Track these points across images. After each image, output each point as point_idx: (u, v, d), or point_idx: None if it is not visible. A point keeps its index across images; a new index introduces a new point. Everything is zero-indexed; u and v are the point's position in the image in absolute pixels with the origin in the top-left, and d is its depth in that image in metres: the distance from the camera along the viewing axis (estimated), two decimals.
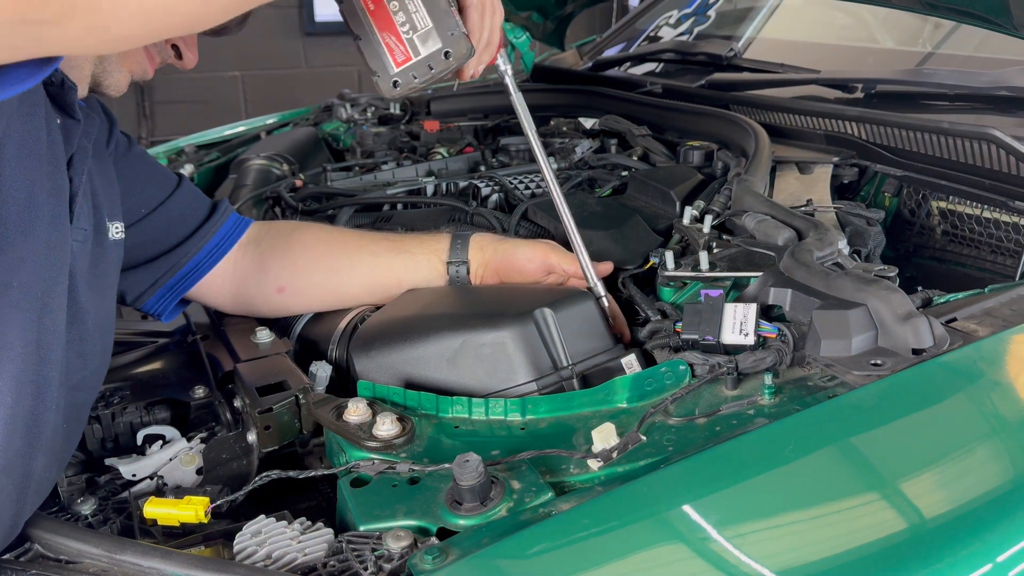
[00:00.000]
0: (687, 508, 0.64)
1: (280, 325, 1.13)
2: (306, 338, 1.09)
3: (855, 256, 1.03)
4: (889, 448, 0.68)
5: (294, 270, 1.09)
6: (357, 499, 0.75)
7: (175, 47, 0.94)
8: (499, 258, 1.07)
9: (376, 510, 0.73)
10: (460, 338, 0.92)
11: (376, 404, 0.86)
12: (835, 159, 1.35)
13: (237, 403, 0.96)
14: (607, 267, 1.04)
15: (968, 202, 1.27)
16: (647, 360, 0.92)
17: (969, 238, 1.29)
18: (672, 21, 2.46)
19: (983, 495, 0.65)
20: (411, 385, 0.93)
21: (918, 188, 1.33)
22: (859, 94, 1.54)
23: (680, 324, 0.86)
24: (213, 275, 1.08)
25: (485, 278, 1.08)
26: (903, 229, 1.38)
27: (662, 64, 2.15)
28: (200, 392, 0.98)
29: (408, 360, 0.94)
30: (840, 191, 1.37)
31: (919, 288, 0.94)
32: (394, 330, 0.99)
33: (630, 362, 0.90)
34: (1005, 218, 1.23)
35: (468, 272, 1.08)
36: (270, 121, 2.35)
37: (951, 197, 1.30)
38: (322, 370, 0.97)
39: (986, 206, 1.24)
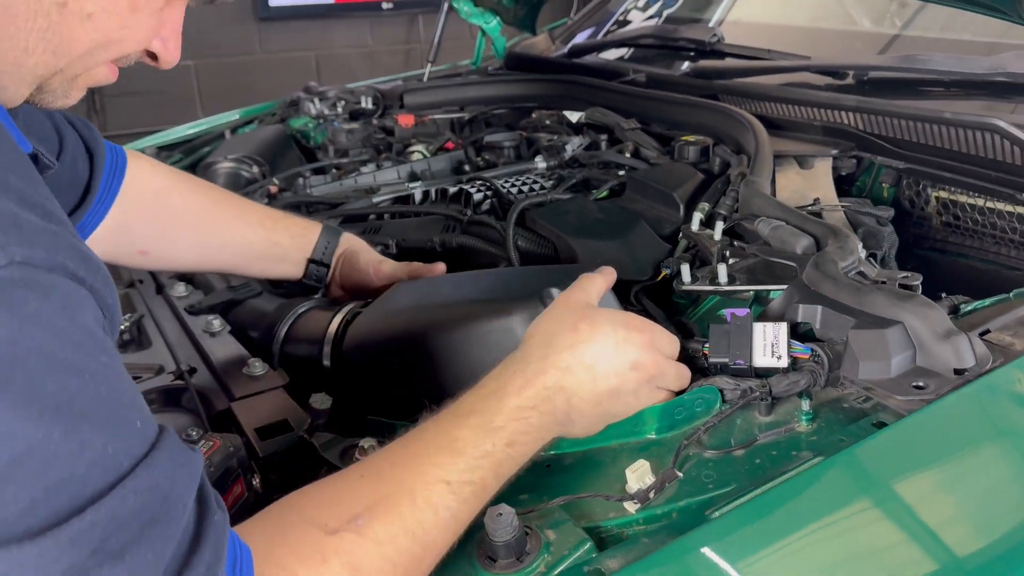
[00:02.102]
0: (747, 569, 0.60)
1: (262, 327, 1.07)
2: (292, 340, 1.03)
3: (872, 260, 1.00)
4: (953, 483, 0.65)
5: (159, 237, 1.06)
6: None
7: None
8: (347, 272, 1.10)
9: None
10: (464, 328, 0.87)
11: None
12: (834, 152, 1.32)
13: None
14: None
15: (970, 192, 1.25)
16: None
17: (972, 229, 1.27)
18: (641, 4, 2.41)
19: None
20: (415, 385, 0.88)
21: (918, 179, 1.31)
22: (850, 80, 1.51)
23: (707, 346, 0.82)
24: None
25: (336, 282, 1.12)
26: (902, 220, 1.35)
27: (632, 49, 2.10)
28: (194, 435, 0.92)
29: (409, 358, 0.89)
30: (837, 183, 1.33)
31: (943, 295, 0.91)
32: (390, 326, 0.94)
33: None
34: (1009, 208, 1.21)
35: (327, 274, 1.12)
36: (234, 118, 2.24)
37: (952, 188, 1.28)
38: (323, 403, 0.91)
39: (990, 197, 1.22)
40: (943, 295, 0.91)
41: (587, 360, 0.75)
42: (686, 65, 1.84)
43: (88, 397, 0.50)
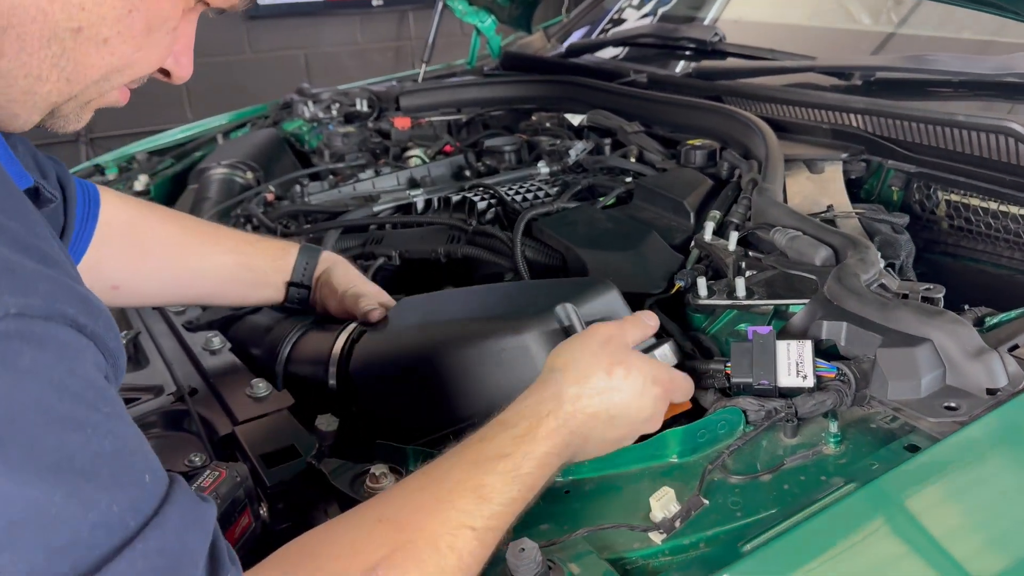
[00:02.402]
0: None
1: (264, 345, 1.04)
2: (295, 360, 1.00)
3: (890, 270, 0.97)
4: (995, 511, 0.62)
5: (132, 271, 1.02)
6: None
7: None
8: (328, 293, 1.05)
9: None
10: (476, 346, 0.84)
11: (401, 472, 0.78)
12: (844, 156, 1.29)
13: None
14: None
15: (983, 196, 1.23)
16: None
17: (985, 233, 1.25)
18: (635, 2, 2.38)
19: None
20: (424, 405, 0.85)
21: (929, 183, 1.28)
22: (857, 81, 1.49)
23: (729, 365, 0.79)
24: None
25: (319, 304, 1.07)
26: (912, 224, 1.33)
27: (626, 48, 2.07)
28: (196, 461, 0.88)
29: (418, 377, 0.86)
30: (846, 187, 1.31)
31: (966, 307, 0.89)
32: (398, 345, 0.91)
33: (664, 353, 0.83)
34: (1023, 212, 1.19)
35: (308, 296, 1.07)
36: (225, 122, 2.20)
37: (964, 191, 1.25)
38: (329, 425, 0.88)
39: (1004, 201, 1.20)
40: (966, 307, 0.89)
41: (612, 410, 0.74)
42: (688, 65, 1.82)
43: (91, 453, 0.47)
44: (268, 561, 0.59)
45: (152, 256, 1.03)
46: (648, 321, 0.82)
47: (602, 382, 0.73)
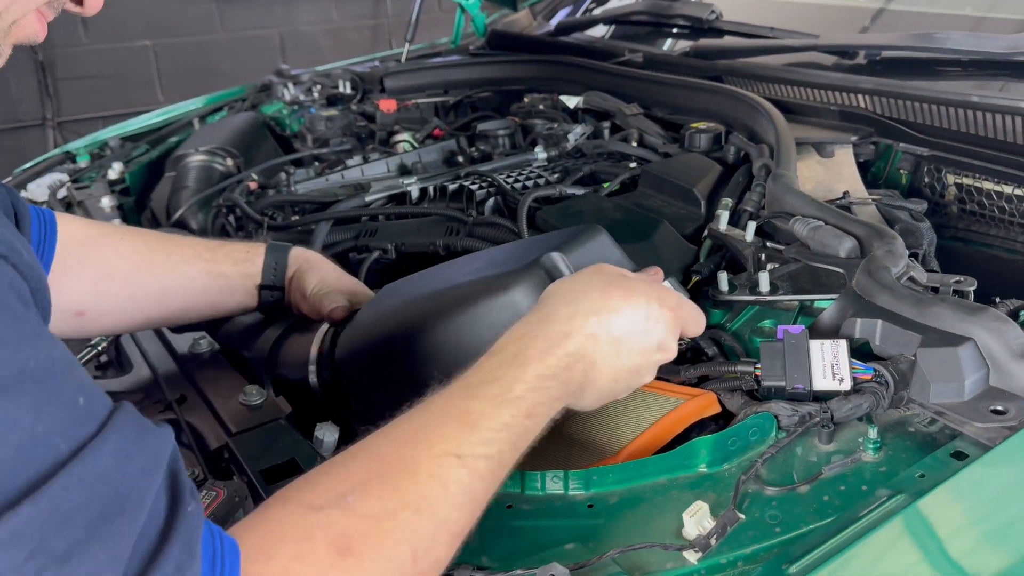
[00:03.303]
0: None
1: (254, 348, 0.99)
2: (279, 364, 0.94)
3: (914, 260, 0.93)
4: None
5: (95, 293, 0.96)
6: None
7: None
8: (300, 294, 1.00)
9: None
10: (462, 311, 0.78)
11: None
12: (853, 138, 1.25)
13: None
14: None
15: (996, 179, 1.19)
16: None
17: (998, 217, 1.21)
18: None
19: None
20: (419, 387, 0.79)
21: (939, 166, 1.25)
22: (861, 60, 1.44)
23: (759, 367, 0.75)
24: None
25: (294, 307, 1.01)
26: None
27: (612, 27, 2.01)
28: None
29: (410, 360, 0.80)
30: None
31: (996, 299, 0.85)
32: (382, 329, 0.85)
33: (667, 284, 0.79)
34: None
35: (283, 297, 1.01)
36: (201, 106, 2.12)
37: (975, 174, 1.22)
38: (329, 434, 0.83)
39: (1018, 184, 1.16)
40: (996, 299, 0.85)
41: (614, 331, 0.68)
42: (676, 44, 1.76)
43: (11, 370, 0.43)
44: (257, 509, 0.56)
45: (115, 276, 0.96)
46: (652, 275, 0.78)
47: (597, 302, 0.68)
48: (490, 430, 0.61)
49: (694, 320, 0.74)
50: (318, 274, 1.00)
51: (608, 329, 0.68)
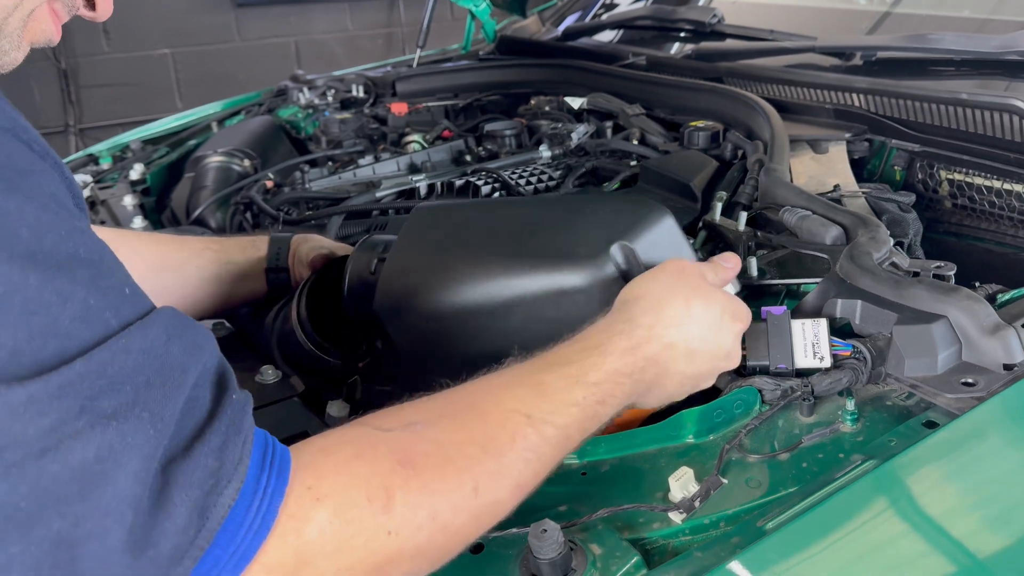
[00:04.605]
0: None
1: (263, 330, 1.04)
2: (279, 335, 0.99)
3: (899, 248, 0.97)
4: (1018, 484, 0.62)
5: None
6: None
7: None
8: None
9: None
10: (513, 291, 0.77)
11: None
12: (847, 135, 1.29)
13: None
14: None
15: (987, 175, 1.23)
16: None
17: (989, 212, 1.25)
18: None
19: None
20: (454, 363, 0.74)
21: (932, 162, 1.28)
22: (858, 61, 1.48)
23: (745, 348, 0.79)
24: None
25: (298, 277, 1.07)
26: (916, 204, 1.33)
27: (621, 31, 2.05)
28: None
29: (443, 329, 0.79)
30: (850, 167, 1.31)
31: (976, 284, 0.89)
32: (429, 277, 0.81)
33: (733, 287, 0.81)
34: None
35: (289, 280, 1.06)
36: (219, 110, 2.18)
37: (967, 170, 1.25)
38: (341, 411, 0.88)
39: (1007, 179, 1.20)
40: (977, 284, 0.89)
41: (691, 343, 0.71)
42: (684, 47, 1.81)
43: (64, 252, 0.46)
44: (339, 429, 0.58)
45: (133, 271, 1.02)
46: (727, 264, 0.79)
47: (680, 312, 0.71)
48: (562, 403, 0.63)
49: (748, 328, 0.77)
50: (312, 242, 1.08)
51: (686, 339, 0.71)
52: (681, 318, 0.71)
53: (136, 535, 0.44)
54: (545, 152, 1.42)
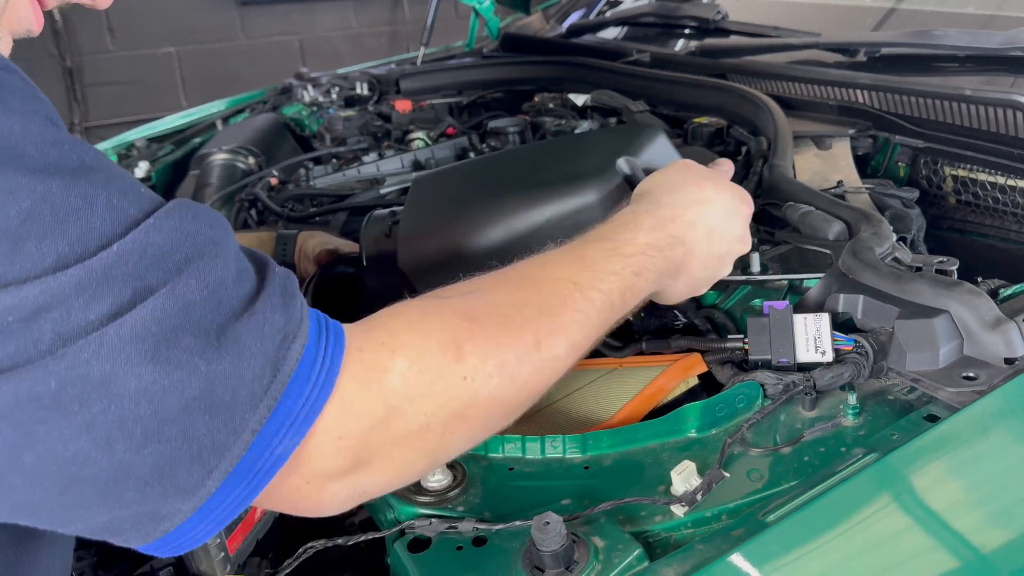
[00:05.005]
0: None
1: None
2: None
3: (902, 243, 0.97)
4: (1016, 479, 0.63)
5: None
6: (421, 567, 0.67)
7: None
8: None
9: None
10: (533, 221, 0.81)
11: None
12: (851, 131, 1.29)
13: None
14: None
15: (990, 171, 1.23)
16: None
17: (992, 208, 1.25)
18: None
19: None
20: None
21: (936, 158, 1.28)
22: (862, 57, 1.48)
23: (747, 342, 0.79)
24: None
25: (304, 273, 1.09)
26: (920, 200, 1.33)
27: (625, 28, 2.06)
28: None
29: (471, 272, 0.77)
30: (854, 163, 1.31)
31: (979, 279, 0.89)
32: (442, 235, 0.84)
33: None
34: None
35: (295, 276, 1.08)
36: (223, 108, 2.19)
37: (971, 166, 1.25)
38: None
39: (1011, 175, 1.20)
40: (980, 279, 0.89)
41: (709, 221, 0.75)
42: (689, 44, 1.81)
43: (73, 161, 0.47)
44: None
45: None
46: (722, 168, 0.84)
47: (694, 194, 0.75)
48: (603, 272, 0.67)
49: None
50: (318, 237, 1.11)
51: (704, 219, 0.75)
52: (697, 199, 0.75)
53: (210, 386, 0.46)
54: None
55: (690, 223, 0.74)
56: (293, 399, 0.50)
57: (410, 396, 0.55)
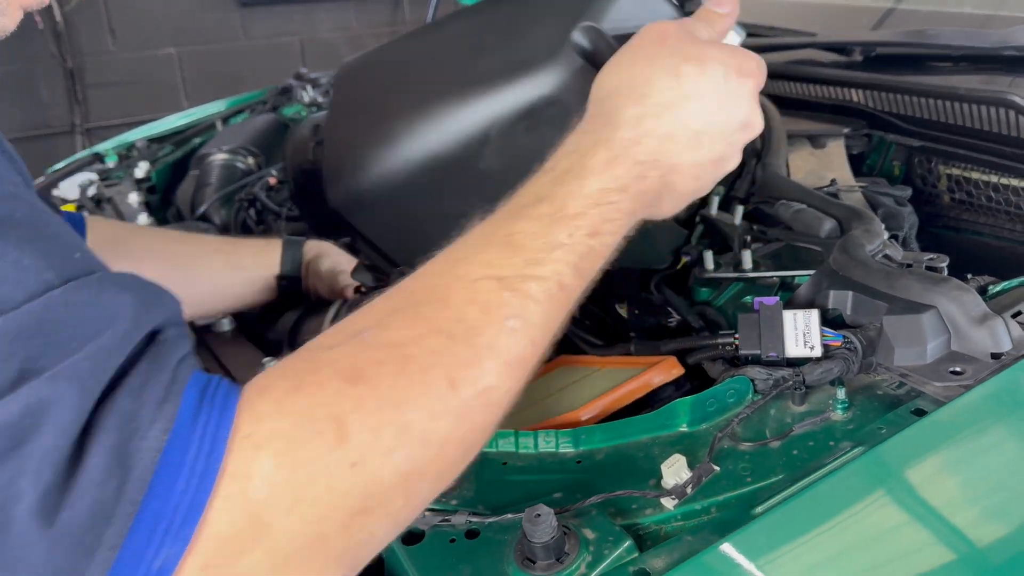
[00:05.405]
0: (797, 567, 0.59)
1: (272, 330, 1.06)
2: (295, 338, 1.01)
3: (893, 241, 0.98)
4: (1002, 469, 0.63)
5: None
6: (415, 559, 0.68)
7: None
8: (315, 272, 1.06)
9: (437, 572, 0.66)
10: (473, 128, 0.63)
11: None
12: (846, 130, 1.30)
13: None
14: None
15: (984, 169, 1.24)
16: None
17: (986, 206, 1.26)
18: None
19: None
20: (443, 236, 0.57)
21: (930, 157, 1.29)
22: (857, 56, 1.49)
23: (737, 337, 0.80)
24: None
25: (311, 293, 1.07)
26: (915, 198, 1.34)
27: None
28: None
29: (413, 200, 0.66)
30: (849, 162, 1.32)
31: (969, 276, 0.90)
32: (370, 159, 0.67)
33: (735, 36, 0.67)
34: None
35: (300, 285, 1.07)
36: (223, 108, 2.20)
37: (965, 165, 1.26)
38: None
39: (1004, 174, 1.21)
40: (969, 276, 0.90)
41: (694, 124, 0.58)
42: None
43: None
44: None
45: (143, 267, 1.03)
46: (721, 8, 0.65)
47: (669, 90, 0.57)
48: (541, 251, 0.53)
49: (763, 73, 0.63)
50: (331, 258, 1.08)
51: (686, 123, 0.57)
52: (673, 98, 0.57)
53: (50, 498, 0.38)
54: None
55: (665, 136, 0.57)
56: (161, 499, 0.40)
57: (283, 506, 0.43)
